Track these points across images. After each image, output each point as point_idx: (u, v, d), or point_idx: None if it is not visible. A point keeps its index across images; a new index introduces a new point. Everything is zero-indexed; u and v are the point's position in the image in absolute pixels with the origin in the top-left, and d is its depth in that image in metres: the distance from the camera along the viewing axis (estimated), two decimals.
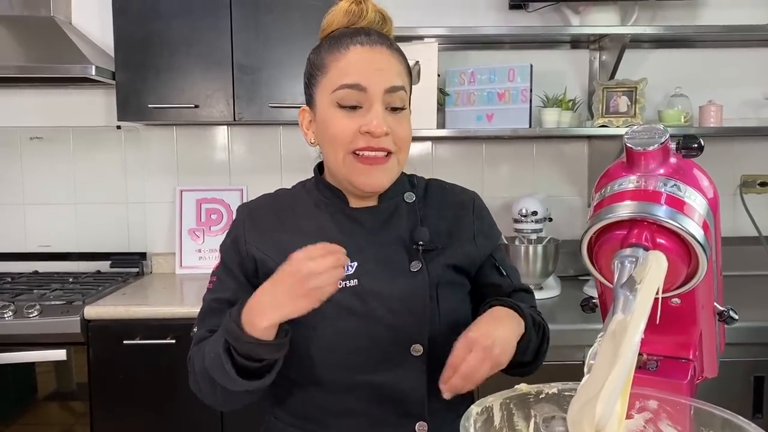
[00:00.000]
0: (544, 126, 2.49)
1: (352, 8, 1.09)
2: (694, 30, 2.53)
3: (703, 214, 0.68)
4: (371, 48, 1.05)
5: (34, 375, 2.16)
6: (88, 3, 2.64)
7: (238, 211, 1.16)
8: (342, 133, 1.03)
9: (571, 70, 2.70)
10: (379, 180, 1.06)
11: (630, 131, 0.71)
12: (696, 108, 2.52)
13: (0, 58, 2.34)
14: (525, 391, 0.72)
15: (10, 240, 2.73)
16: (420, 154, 2.73)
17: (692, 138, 0.69)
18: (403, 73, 1.08)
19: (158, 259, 2.75)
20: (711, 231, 0.69)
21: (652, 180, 0.69)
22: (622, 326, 0.57)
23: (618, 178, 0.71)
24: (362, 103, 1.04)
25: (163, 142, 2.73)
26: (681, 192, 0.68)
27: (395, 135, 1.05)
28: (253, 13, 2.36)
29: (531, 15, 2.62)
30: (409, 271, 1.08)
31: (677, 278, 0.68)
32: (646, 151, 0.69)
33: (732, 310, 0.75)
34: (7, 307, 2.13)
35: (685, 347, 0.76)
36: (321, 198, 1.13)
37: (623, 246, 0.67)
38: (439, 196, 1.19)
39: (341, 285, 1.05)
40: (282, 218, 1.13)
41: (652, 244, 0.66)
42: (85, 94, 2.68)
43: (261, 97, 2.39)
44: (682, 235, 0.66)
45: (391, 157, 1.06)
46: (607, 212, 0.69)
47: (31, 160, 2.72)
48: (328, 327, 1.05)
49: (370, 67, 1.04)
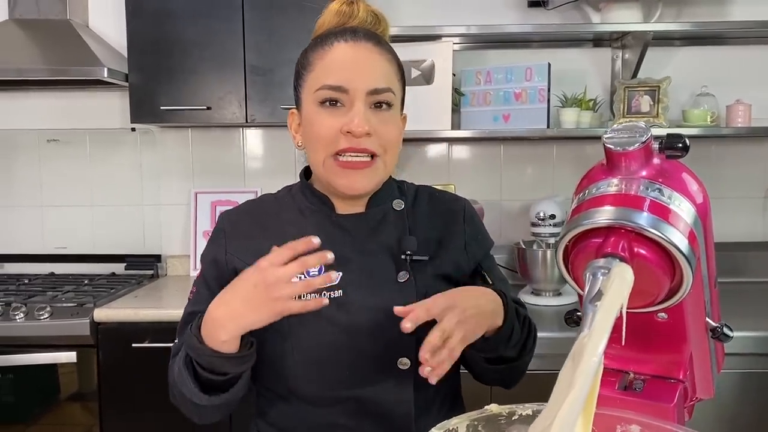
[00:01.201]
0: (562, 126, 2.42)
1: (342, 9, 1.06)
2: (720, 26, 2.43)
3: (690, 222, 0.62)
4: (355, 45, 1.01)
5: (44, 377, 2.17)
6: (105, 5, 2.65)
7: (220, 219, 1.13)
8: (324, 131, 0.99)
9: (592, 68, 2.62)
10: (360, 184, 1.02)
11: (610, 130, 0.65)
12: (723, 107, 2.42)
13: (17, 62, 2.37)
14: (496, 412, 0.66)
15: (27, 241, 2.75)
16: (435, 155, 2.68)
17: (676, 137, 0.63)
18: (391, 73, 1.03)
19: (173, 261, 2.74)
20: (699, 240, 0.62)
21: (634, 184, 0.63)
22: (580, 347, 0.52)
23: (598, 181, 0.66)
24: (344, 102, 0.99)
25: (178, 144, 2.73)
26: (665, 197, 0.62)
27: (380, 136, 1.00)
28: (266, 14, 2.34)
29: (550, 13, 2.54)
30: (396, 281, 1.04)
31: (660, 291, 0.62)
32: (626, 152, 0.63)
33: (726, 326, 0.68)
34: (19, 308, 2.14)
35: (674, 367, 0.69)
36: (307, 204, 1.09)
37: (597, 255, 0.61)
38: (428, 204, 1.15)
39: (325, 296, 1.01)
40: (265, 226, 1.09)
41: (630, 254, 0.60)
42: (101, 96, 2.69)
43: (273, 98, 2.37)
44: (665, 245, 0.60)
45: (375, 160, 1.01)
46: (583, 218, 0.63)
47: (49, 162, 2.74)
48: (311, 339, 1.01)
49: (353, 66, 0.99)
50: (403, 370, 1.02)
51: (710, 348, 0.72)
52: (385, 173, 1.05)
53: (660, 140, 0.64)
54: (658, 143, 0.64)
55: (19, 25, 2.49)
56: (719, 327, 0.68)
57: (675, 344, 0.69)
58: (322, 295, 1.01)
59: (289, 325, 1.01)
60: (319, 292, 1.01)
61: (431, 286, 1.04)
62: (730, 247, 2.58)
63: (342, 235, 1.06)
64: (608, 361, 0.74)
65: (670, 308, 0.65)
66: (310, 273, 1.03)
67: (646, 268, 0.61)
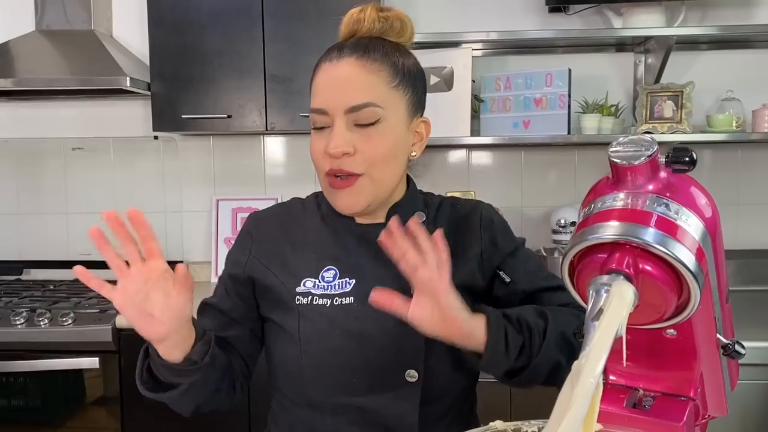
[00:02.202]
0: (583, 133, 2.39)
1: (351, 18, 1.05)
2: (745, 30, 2.38)
3: (698, 238, 0.60)
4: (337, 64, 1.00)
5: (69, 381, 2.20)
6: (128, 15, 2.68)
7: (247, 221, 1.15)
8: (315, 153, 1.02)
9: (614, 74, 2.58)
10: (349, 202, 1.02)
11: (615, 143, 0.64)
12: (749, 112, 2.37)
13: (44, 72, 2.42)
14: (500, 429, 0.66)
15: (53, 248, 2.80)
16: (455, 162, 2.67)
17: (683, 150, 0.61)
18: (376, 84, 0.99)
19: (195, 268, 2.77)
20: (707, 256, 0.61)
21: (640, 198, 0.62)
22: (577, 369, 0.51)
23: (604, 195, 0.65)
24: (328, 123, 1.00)
25: (200, 152, 2.75)
26: (672, 212, 0.60)
27: (363, 153, 0.99)
28: (285, 23, 2.35)
29: (571, 18, 2.52)
30: (408, 291, 1.03)
31: (667, 308, 0.61)
32: (632, 166, 0.62)
33: (738, 343, 0.66)
34: (44, 314, 2.18)
35: (685, 384, 0.68)
36: (329, 212, 1.10)
37: (602, 271, 0.60)
38: (447, 215, 1.13)
39: (337, 302, 1.03)
40: (288, 230, 1.12)
41: (635, 270, 0.59)
42: (125, 105, 2.73)
43: (293, 106, 2.38)
44: (672, 262, 0.59)
45: (358, 179, 1.00)
46: (588, 233, 0.62)
47: (73, 170, 2.79)
48: (319, 344, 1.02)
49: (332, 87, 1.00)
50: (410, 382, 1.01)
51: (722, 365, 0.70)
52: (376, 189, 1.02)
53: (666, 154, 0.63)
54: (665, 157, 0.63)
55: (45, 36, 2.54)
56: (731, 344, 0.66)
57: (685, 361, 0.67)
58: (334, 300, 1.03)
59: (299, 330, 1.03)
60: (331, 299, 1.03)
61: None
62: (756, 254, 2.53)
63: (359, 245, 1.07)
64: (617, 377, 0.72)
65: (678, 325, 0.63)
66: (325, 278, 1.05)
67: (653, 285, 0.59)
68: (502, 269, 1.09)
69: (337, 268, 1.05)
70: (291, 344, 1.03)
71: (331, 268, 1.06)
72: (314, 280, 1.05)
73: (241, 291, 1.10)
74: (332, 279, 1.05)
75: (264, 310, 1.10)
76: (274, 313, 1.08)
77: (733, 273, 2.51)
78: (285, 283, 1.06)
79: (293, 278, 1.06)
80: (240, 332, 1.10)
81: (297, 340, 1.03)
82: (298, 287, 1.05)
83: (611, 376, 0.73)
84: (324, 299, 1.03)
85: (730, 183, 2.56)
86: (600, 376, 0.50)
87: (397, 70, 1.02)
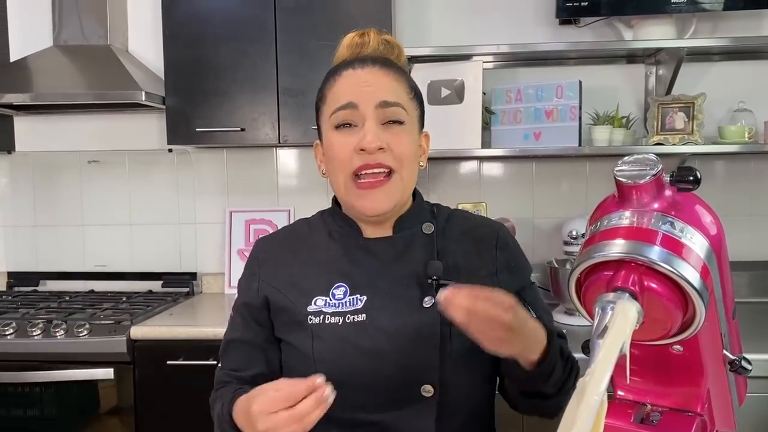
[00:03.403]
0: (594, 144, 2.39)
1: (354, 41, 1.11)
2: (756, 41, 2.38)
3: (703, 256, 0.61)
4: (363, 70, 1.05)
5: (84, 392, 2.22)
6: (144, 30, 2.73)
7: (255, 247, 1.17)
8: (341, 153, 1.02)
9: (625, 85, 2.59)
10: (380, 202, 1.03)
11: (621, 162, 0.65)
12: (761, 123, 2.37)
13: (61, 86, 2.46)
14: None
15: (69, 259, 2.84)
16: (466, 173, 2.68)
17: (687, 169, 0.62)
18: (399, 90, 1.05)
19: (208, 279, 2.79)
20: (712, 274, 0.62)
21: (646, 217, 0.63)
22: (582, 386, 0.52)
23: (610, 213, 0.66)
24: (356, 122, 1.02)
25: (214, 165, 2.79)
26: (677, 231, 0.61)
27: (393, 150, 1.02)
28: (298, 37, 2.38)
29: (582, 30, 2.53)
30: (421, 306, 1.03)
31: (672, 325, 0.61)
32: (637, 185, 0.63)
33: (745, 359, 0.67)
34: (60, 325, 2.20)
35: (692, 399, 0.68)
36: (335, 227, 1.12)
37: (608, 289, 0.61)
38: (460, 228, 1.14)
39: (349, 320, 1.03)
40: (296, 250, 1.13)
41: (641, 288, 0.60)
42: (140, 118, 2.77)
43: (305, 119, 2.40)
44: (677, 279, 0.59)
45: (392, 177, 1.03)
46: (594, 250, 0.63)
47: (89, 182, 2.83)
48: (333, 363, 1.02)
49: (361, 84, 1.03)
50: (426, 397, 1.01)
51: (729, 380, 0.71)
52: (404, 189, 1.06)
53: (671, 173, 0.64)
54: (669, 176, 0.64)
55: (62, 51, 2.58)
56: (737, 360, 0.67)
57: (692, 377, 0.68)
58: (346, 318, 1.03)
59: (313, 350, 1.03)
60: (343, 316, 1.04)
61: None
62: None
63: (368, 259, 1.08)
64: (625, 392, 0.73)
65: (685, 341, 0.64)
66: (336, 296, 1.05)
67: (658, 302, 0.60)
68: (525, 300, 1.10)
69: (347, 284, 1.06)
70: (305, 364, 1.04)
71: (341, 285, 1.06)
72: (325, 298, 1.05)
73: (258, 317, 1.11)
74: (343, 296, 1.05)
75: (278, 332, 1.11)
76: (287, 333, 1.09)
77: (747, 285, 2.49)
78: (296, 303, 1.07)
79: (304, 297, 1.07)
80: (271, 356, 1.11)
81: (311, 359, 1.03)
82: (309, 306, 1.06)
83: (619, 392, 0.74)
84: (336, 317, 1.04)
85: (743, 194, 2.55)
86: (604, 393, 0.51)
87: (411, 84, 1.08)
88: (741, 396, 0.75)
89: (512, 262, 1.13)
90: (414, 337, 1.01)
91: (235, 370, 1.11)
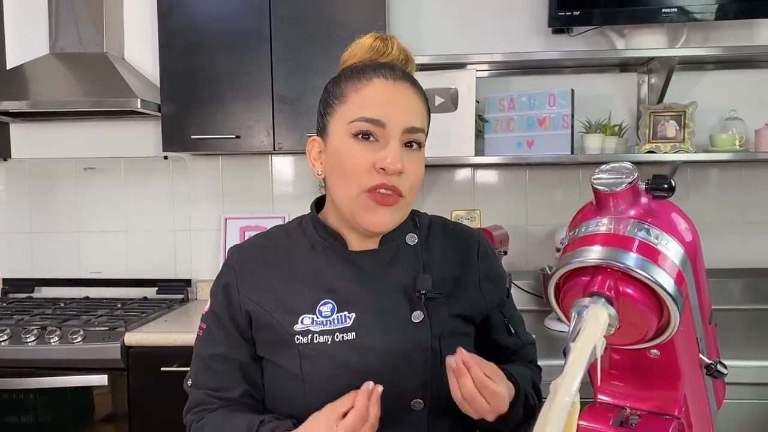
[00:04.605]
0: (586, 152, 2.41)
1: (376, 44, 1.06)
2: (747, 50, 2.40)
3: (678, 262, 0.62)
4: (395, 83, 1.01)
5: (78, 399, 2.22)
6: (140, 38, 2.75)
7: (229, 254, 1.11)
8: (356, 165, 0.98)
9: (618, 93, 2.61)
10: (386, 220, 1.01)
11: (598, 171, 0.66)
12: (752, 131, 2.39)
13: (58, 94, 2.48)
14: None
15: (64, 266, 2.84)
16: (460, 180, 2.70)
17: (662, 178, 0.64)
18: (424, 114, 1.04)
19: (203, 286, 2.80)
20: (687, 280, 0.63)
21: (623, 224, 0.64)
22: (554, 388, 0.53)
23: (588, 220, 0.67)
24: (379, 137, 0.99)
25: (209, 172, 2.80)
26: (653, 237, 0.63)
27: (409, 174, 1.00)
28: (293, 45, 2.40)
29: (574, 38, 2.55)
30: (410, 321, 1.02)
31: (648, 329, 0.63)
32: (614, 192, 0.64)
33: (720, 363, 0.68)
34: (54, 332, 2.21)
35: (670, 403, 0.70)
36: (318, 239, 1.08)
37: (585, 294, 0.62)
38: (443, 237, 1.13)
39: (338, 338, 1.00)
40: (276, 262, 1.07)
41: (616, 293, 0.61)
42: (136, 125, 2.79)
43: (300, 126, 2.42)
44: (652, 286, 0.61)
45: (401, 200, 1.00)
46: (573, 256, 0.65)
47: (85, 189, 2.84)
48: (322, 383, 1.00)
49: (392, 102, 0.99)
50: (416, 411, 1.02)
51: (706, 384, 0.72)
52: (406, 212, 1.05)
53: (646, 181, 0.65)
54: (645, 184, 0.65)
55: (59, 59, 2.60)
56: (713, 364, 0.68)
57: (669, 381, 0.69)
58: (335, 337, 1.00)
59: (302, 371, 1.01)
60: (332, 335, 1.00)
61: (447, 326, 1.03)
62: (762, 273, 2.53)
63: (354, 273, 1.04)
64: (606, 396, 0.74)
65: (661, 345, 0.65)
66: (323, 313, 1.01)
67: (634, 307, 0.62)
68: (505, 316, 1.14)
69: (334, 300, 1.02)
70: (293, 384, 1.01)
71: (328, 302, 1.02)
72: (312, 316, 1.01)
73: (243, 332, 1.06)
74: (330, 313, 1.01)
75: (261, 350, 1.06)
76: (272, 353, 1.05)
77: (740, 292, 2.51)
78: (282, 322, 1.02)
79: (290, 316, 1.02)
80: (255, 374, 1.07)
81: (300, 380, 1.00)
82: (296, 325, 1.01)
83: (600, 395, 0.75)
84: (324, 336, 1.00)
85: (735, 202, 2.57)
86: (575, 394, 0.53)
87: (428, 106, 1.07)
88: (719, 400, 0.76)
89: (492, 271, 1.13)
90: (405, 354, 1.00)
91: (218, 389, 1.05)
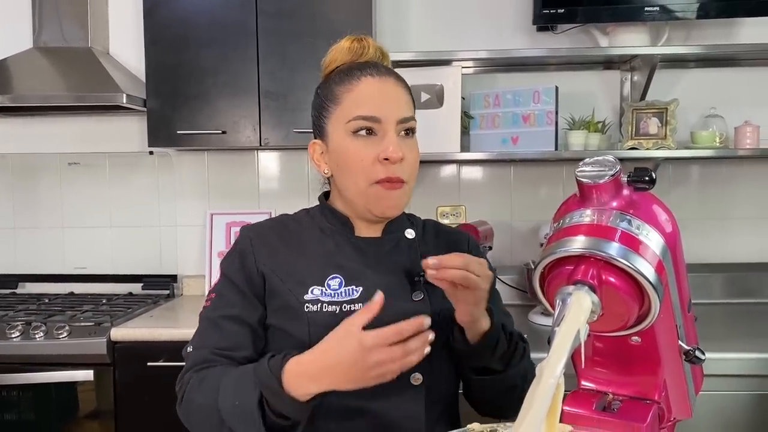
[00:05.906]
0: (570, 149, 2.44)
1: (353, 46, 1.14)
2: (727, 49, 2.44)
3: (658, 252, 0.65)
4: (381, 79, 1.10)
5: (63, 394, 2.22)
6: (125, 33, 2.73)
7: (243, 232, 1.17)
8: (361, 161, 1.07)
9: (601, 91, 2.64)
10: (398, 201, 1.09)
11: (582, 164, 0.69)
12: (731, 129, 2.43)
13: (41, 88, 2.46)
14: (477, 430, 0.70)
15: (49, 262, 2.83)
16: (446, 176, 2.72)
17: (643, 170, 0.66)
18: (410, 103, 1.13)
19: (188, 282, 2.80)
20: (667, 269, 0.65)
21: (605, 215, 0.66)
22: (540, 370, 0.55)
23: (572, 211, 0.69)
24: (376, 131, 1.07)
25: (195, 167, 2.80)
26: (635, 228, 0.65)
27: (407, 161, 1.08)
28: (279, 41, 2.40)
29: (558, 36, 2.58)
30: (411, 300, 1.10)
31: (629, 316, 0.65)
32: (597, 184, 0.66)
33: (699, 349, 0.71)
34: (39, 327, 2.20)
35: (650, 388, 0.72)
36: (327, 224, 1.16)
37: (569, 282, 0.64)
38: (435, 235, 1.23)
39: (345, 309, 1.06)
40: (288, 242, 1.15)
41: (599, 282, 0.63)
42: (121, 121, 2.78)
43: (286, 122, 2.42)
44: (633, 274, 0.63)
45: (403, 186, 1.09)
46: (558, 246, 0.67)
47: (70, 184, 2.83)
48: None
49: (383, 98, 1.08)
50: (415, 385, 1.07)
51: (685, 370, 0.75)
52: (410, 197, 1.13)
53: (628, 173, 0.68)
54: (627, 176, 0.68)
55: (42, 53, 2.58)
56: (692, 350, 0.71)
57: (649, 366, 0.71)
58: (343, 307, 1.06)
59: (310, 337, 1.04)
60: (339, 305, 1.07)
61: (444, 307, 1.08)
62: (742, 267, 2.58)
63: (360, 255, 1.13)
64: (589, 382, 0.76)
65: (642, 332, 0.67)
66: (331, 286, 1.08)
67: (616, 295, 0.64)
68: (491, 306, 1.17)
69: (342, 276, 1.09)
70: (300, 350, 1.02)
71: (336, 276, 1.09)
72: (321, 288, 1.08)
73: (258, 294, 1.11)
74: (338, 287, 1.08)
75: (270, 317, 1.11)
76: (280, 319, 1.10)
77: (723, 286, 2.56)
78: (293, 290, 1.08)
79: (300, 286, 1.08)
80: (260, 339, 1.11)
81: (308, 347, 1.01)
82: (306, 295, 1.07)
83: (584, 382, 0.77)
84: (332, 306, 1.07)
85: (717, 198, 2.62)
86: (560, 376, 0.55)
87: (413, 97, 1.15)
88: (697, 386, 0.79)
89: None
90: None
91: (227, 349, 1.07)
